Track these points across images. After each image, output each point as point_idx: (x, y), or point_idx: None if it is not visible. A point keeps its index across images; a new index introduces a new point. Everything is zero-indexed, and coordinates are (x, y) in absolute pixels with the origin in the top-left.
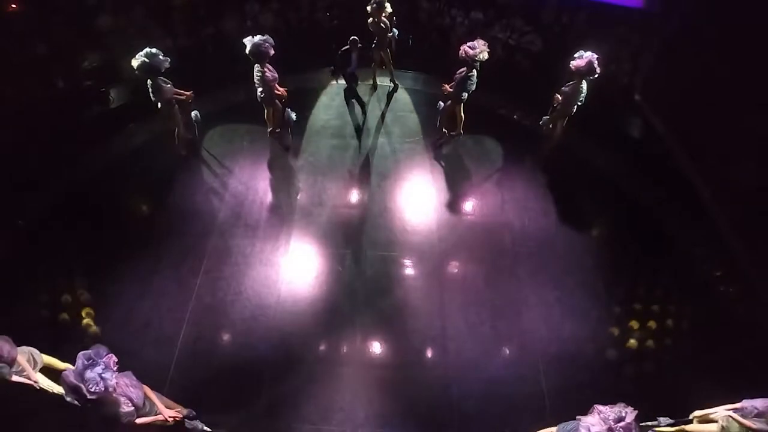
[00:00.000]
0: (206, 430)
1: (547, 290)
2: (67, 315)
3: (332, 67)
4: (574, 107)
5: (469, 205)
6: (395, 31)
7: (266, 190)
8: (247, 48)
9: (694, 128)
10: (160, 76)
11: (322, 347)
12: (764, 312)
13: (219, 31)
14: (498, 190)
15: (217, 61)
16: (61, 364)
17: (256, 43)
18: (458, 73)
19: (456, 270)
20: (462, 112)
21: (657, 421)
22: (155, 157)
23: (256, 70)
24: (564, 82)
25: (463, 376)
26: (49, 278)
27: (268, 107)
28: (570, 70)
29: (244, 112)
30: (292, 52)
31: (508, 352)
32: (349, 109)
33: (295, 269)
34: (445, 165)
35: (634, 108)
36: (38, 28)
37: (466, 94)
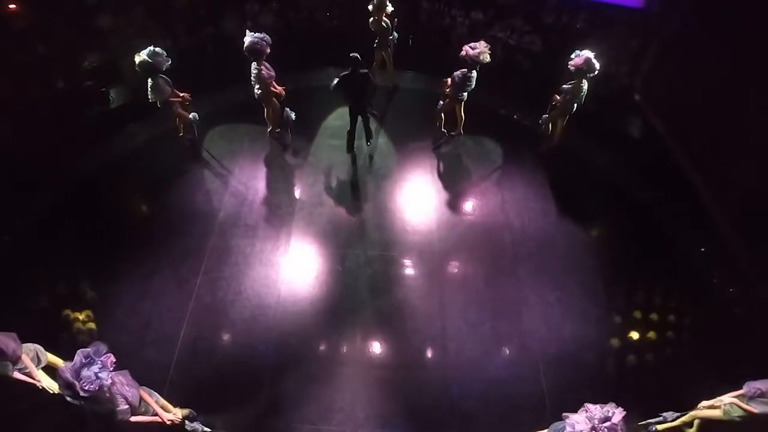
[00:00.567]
0: (206, 430)
1: (547, 290)
2: (67, 313)
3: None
4: (574, 106)
5: (469, 205)
6: (395, 34)
7: (266, 190)
8: (245, 45)
9: (694, 128)
10: (161, 75)
11: (322, 347)
12: (764, 312)
13: (219, 31)
14: (498, 190)
15: (217, 61)
16: (63, 363)
17: (251, 41)
18: (458, 73)
19: (456, 270)
20: (462, 112)
21: (662, 417)
22: (155, 157)
23: (253, 68)
24: (564, 82)
25: (463, 376)
26: (49, 278)
27: (267, 106)
28: (570, 70)
29: (244, 112)
30: (292, 52)
31: (508, 352)
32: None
33: (295, 269)
34: (445, 165)
35: (634, 108)
36: (38, 28)
37: (465, 94)
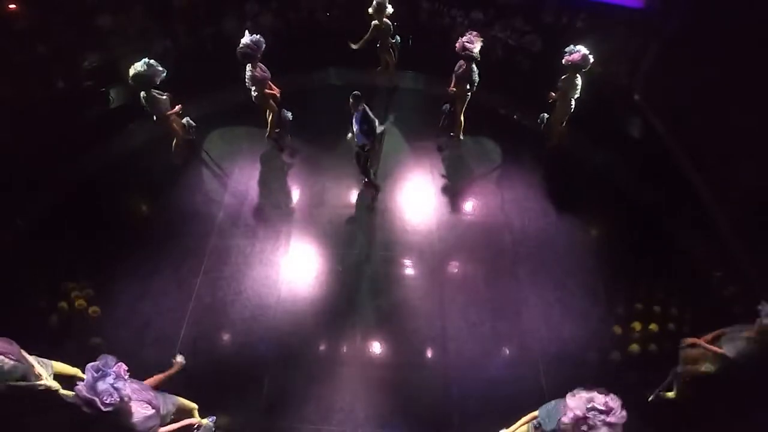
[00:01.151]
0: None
1: (547, 290)
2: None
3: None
4: (572, 102)
5: (469, 205)
6: (398, 38)
7: (266, 191)
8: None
9: (694, 128)
10: (154, 89)
11: (322, 347)
12: None
13: (219, 31)
14: (498, 190)
15: (217, 62)
16: (70, 369)
17: (240, 47)
18: (458, 69)
19: (456, 270)
20: (462, 117)
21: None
22: (155, 157)
23: (248, 70)
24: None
25: (463, 376)
26: (49, 278)
27: (264, 108)
28: (563, 66)
29: (244, 113)
30: (292, 52)
31: (508, 352)
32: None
33: (295, 269)
34: (445, 165)
35: (634, 108)
36: (38, 28)
37: (473, 87)
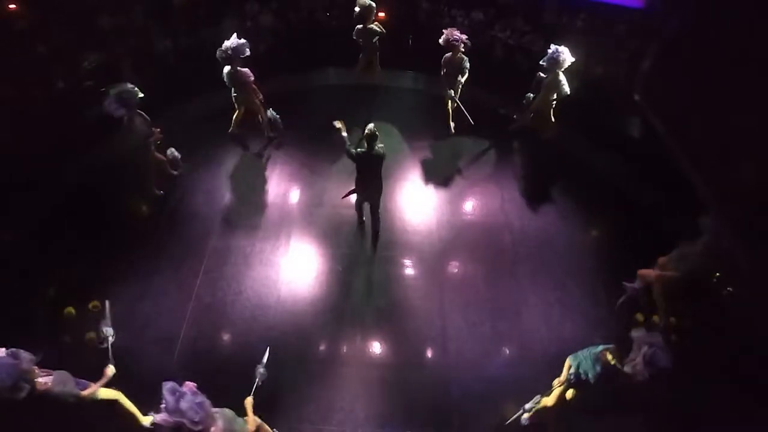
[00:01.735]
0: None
1: (547, 290)
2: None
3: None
4: (554, 100)
5: (468, 205)
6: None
7: (266, 190)
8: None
9: (694, 128)
10: (138, 112)
11: (322, 347)
12: (764, 312)
13: (219, 31)
14: (498, 190)
15: (217, 62)
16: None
17: (220, 50)
18: (447, 59)
19: (456, 270)
20: (450, 107)
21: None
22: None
23: (226, 70)
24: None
25: (463, 376)
26: (49, 278)
27: (242, 108)
28: (543, 65)
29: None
30: (292, 52)
31: (508, 352)
32: (348, 111)
33: (295, 269)
34: (445, 165)
35: (634, 108)
36: (38, 28)
37: (463, 77)
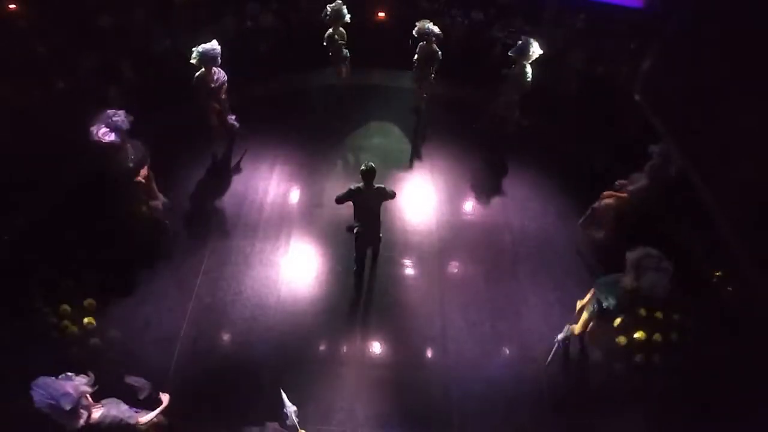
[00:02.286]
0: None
1: (547, 290)
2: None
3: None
4: (519, 92)
5: (469, 205)
6: (346, 52)
7: (266, 190)
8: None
9: (694, 128)
10: (127, 138)
11: (322, 347)
12: (764, 312)
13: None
14: (498, 190)
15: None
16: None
17: (192, 56)
18: (421, 49)
19: (456, 270)
20: (422, 92)
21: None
22: (155, 157)
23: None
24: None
25: (463, 376)
26: (49, 278)
27: (208, 111)
28: (511, 57)
29: (244, 112)
30: (292, 52)
31: (508, 352)
32: (348, 111)
33: (295, 269)
34: (445, 165)
35: (634, 108)
36: (38, 28)
37: (434, 68)
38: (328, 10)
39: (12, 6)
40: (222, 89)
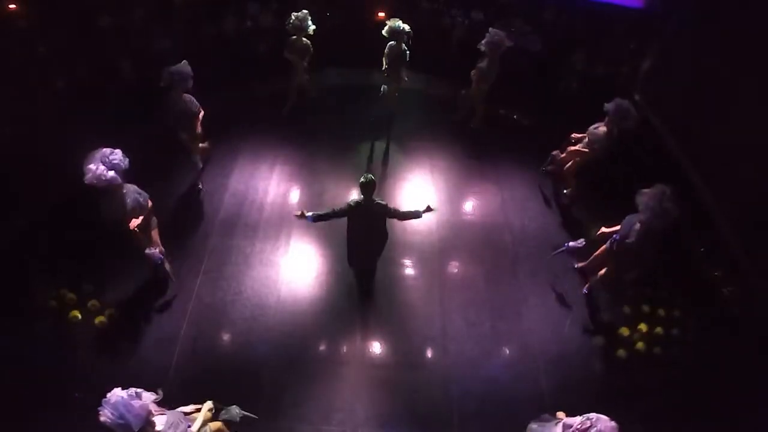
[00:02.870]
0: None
1: (547, 290)
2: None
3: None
4: (489, 83)
5: (468, 205)
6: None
7: (266, 190)
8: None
9: (694, 128)
10: (126, 184)
11: (322, 347)
12: (764, 312)
13: (219, 31)
14: (498, 190)
15: (217, 61)
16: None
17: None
18: (390, 48)
19: (456, 270)
20: (395, 92)
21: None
22: (155, 157)
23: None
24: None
25: (463, 376)
26: (49, 278)
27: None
28: (481, 50)
29: (244, 112)
30: None
31: (508, 352)
32: (348, 111)
33: (295, 269)
34: (445, 165)
35: (634, 108)
36: (38, 28)
37: (403, 67)
38: (292, 18)
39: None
40: (193, 119)
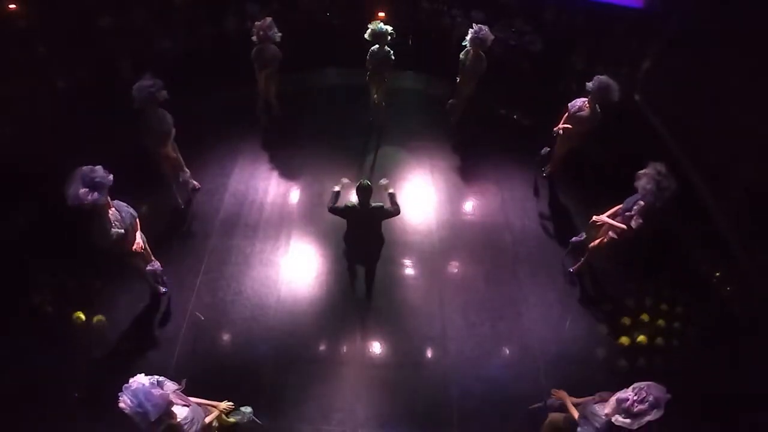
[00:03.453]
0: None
1: (547, 290)
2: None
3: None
4: (476, 79)
5: (468, 205)
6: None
7: (266, 190)
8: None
9: (694, 128)
10: (117, 201)
11: (322, 347)
12: (764, 312)
13: (220, 31)
14: (498, 190)
15: (217, 61)
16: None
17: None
18: (373, 52)
19: (456, 270)
20: (380, 91)
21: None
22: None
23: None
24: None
25: (463, 376)
26: (49, 278)
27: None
28: (465, 47)
29: (243, 112)
30: (292, 53)
31: (508, 352)
32: (348, 111)
33: (295, 269)
34: (445, 165)
35: (634, 108)
36: (38, 28)
37: (389, 69)
38: (258, 29)
39: (12, 6)
40: (165, 138)
